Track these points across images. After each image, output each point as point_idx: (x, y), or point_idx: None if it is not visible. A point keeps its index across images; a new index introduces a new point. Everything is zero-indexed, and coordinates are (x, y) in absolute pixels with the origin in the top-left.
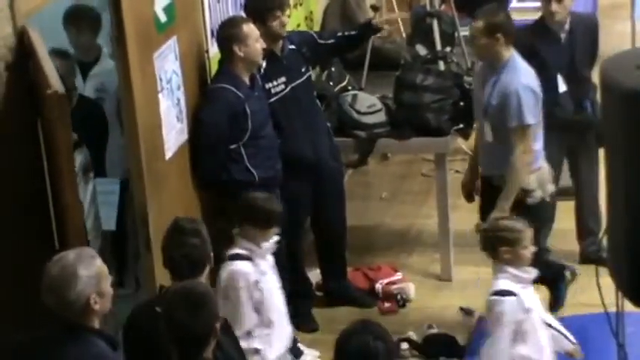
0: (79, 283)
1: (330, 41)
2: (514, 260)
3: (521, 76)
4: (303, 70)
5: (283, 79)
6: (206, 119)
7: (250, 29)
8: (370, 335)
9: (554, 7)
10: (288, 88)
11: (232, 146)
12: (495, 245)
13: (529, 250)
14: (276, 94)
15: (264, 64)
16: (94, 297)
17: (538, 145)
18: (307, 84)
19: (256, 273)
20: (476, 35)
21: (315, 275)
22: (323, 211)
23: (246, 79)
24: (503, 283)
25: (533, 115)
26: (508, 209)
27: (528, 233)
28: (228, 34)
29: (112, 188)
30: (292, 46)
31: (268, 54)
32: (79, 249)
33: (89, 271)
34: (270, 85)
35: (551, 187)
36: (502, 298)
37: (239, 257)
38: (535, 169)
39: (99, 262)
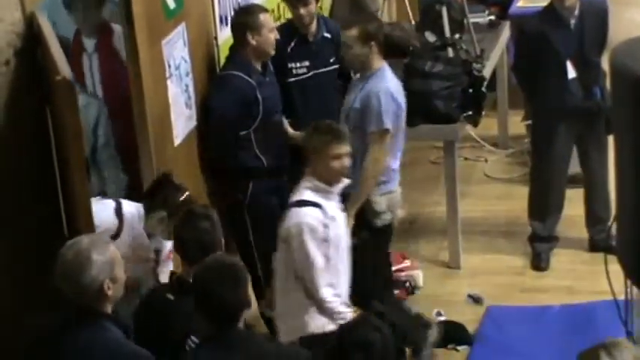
0: (93, 268)
1: None
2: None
3: (387, 82)
4: (331, 60)
5: (307, 63)
6: (216, 106)
7: (266, 19)
8: (369, 327)
9: None
10: (310, 73)
11: (242, 132)
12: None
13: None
14: (297, 75)
15: (292, 44)
16: (107, 282)
17: (395, 164)
18: (332, 74)
19: None
20: (349, 44)
21: None
22: None
23: (258, 66)
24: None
25: (392, 121)
26: (354, 215)
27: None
28: (243, 20)
29: None
30: (327, 35)
31: (301, 34)
32: (93, 234)
33: (103, 256)
34: (293, 65)
35: (400, 213)
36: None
37: None
38: (387, 191)
39: (112, 248)
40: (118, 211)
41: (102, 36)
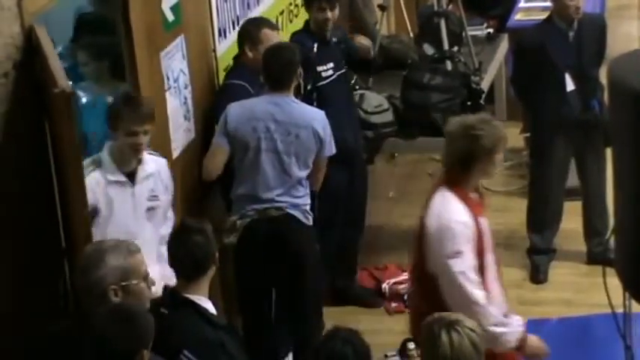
0: (102, 269)
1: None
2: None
3: None
4: (343, 62)
5: (332, 64)
6: (217, 116)
7: (268, 36)
8: (338, 341)
9: (581, 1)
10: (335, 75)
11: None
12: None
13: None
14: (326, 78)
15: (314, 48)
16: (114, 289)
17: (239, 190)
18: (347, 76)
19: None
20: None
21: None
22: (349, 204)
23: (260, 77)
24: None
25: (219, 135)
26: None
27: None
28: (245, 31)
29: None
30: (335, 39)
31: (320, 38)
32: (122, 240)
33: (117, 261)
34: (321, 68)
35: (228, 240)
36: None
37: None
38: (230, 213)
39: (136, 258)
40: None
41: None
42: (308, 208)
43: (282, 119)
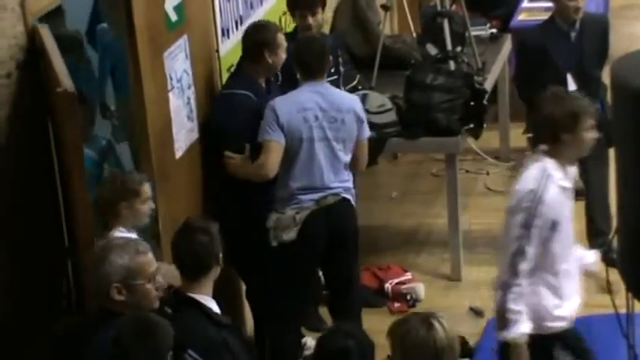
0: (106, 267)
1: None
2: None
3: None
4: (332, 70)
5: None
6: (221, 124)
7: (282, 39)
8: (340, 335)
9: (581, 2)
10: None
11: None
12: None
13: None
14: None
15: None
16: (117, 286)
17: (295, 184)
18: (336, 84)
19: None
20: None
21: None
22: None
23: (262, 82)
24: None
25: (273, 131)
26: None
27: None
28: (262, 38)
29: None
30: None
31: None
32: (132, 239)
33: (122, 259)
34: None
35: (288, 236)
36: None
37: None
38: (282, 209)
39: (143, 258)
40: None
41: None
42: (354, 191)
43: (326, 107)
